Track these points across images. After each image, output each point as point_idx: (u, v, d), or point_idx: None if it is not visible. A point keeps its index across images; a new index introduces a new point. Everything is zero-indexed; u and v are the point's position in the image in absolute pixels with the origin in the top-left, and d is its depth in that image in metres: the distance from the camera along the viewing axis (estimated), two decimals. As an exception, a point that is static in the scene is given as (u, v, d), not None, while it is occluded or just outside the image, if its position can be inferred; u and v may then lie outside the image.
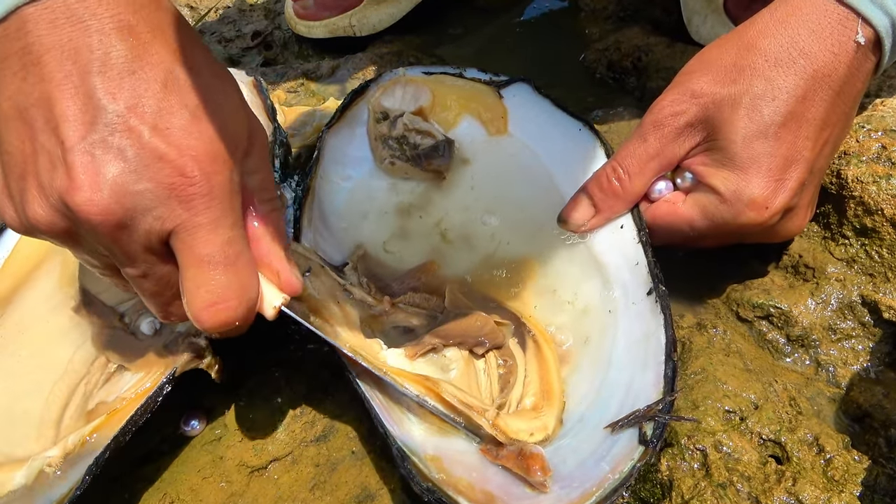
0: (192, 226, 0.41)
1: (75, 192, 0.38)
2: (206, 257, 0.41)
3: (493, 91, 0.70)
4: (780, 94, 0.51)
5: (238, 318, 0.43)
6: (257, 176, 0.46)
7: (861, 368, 0.54)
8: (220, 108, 0.42)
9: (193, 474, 0.54)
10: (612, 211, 0.57)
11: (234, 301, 0.42)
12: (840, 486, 0.45)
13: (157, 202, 0.40)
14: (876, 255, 0.57)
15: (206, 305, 0.42)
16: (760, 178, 0.51)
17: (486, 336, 0.55)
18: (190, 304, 0.42)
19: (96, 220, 0.39)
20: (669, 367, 0.48)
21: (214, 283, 0.41)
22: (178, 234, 0.41)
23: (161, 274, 0.43)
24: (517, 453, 0.46)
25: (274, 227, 0.47)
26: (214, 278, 0.41)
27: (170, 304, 0.45)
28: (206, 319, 0.42)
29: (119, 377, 0.55)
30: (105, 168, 0.39)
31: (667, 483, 0.47)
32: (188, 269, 0.42)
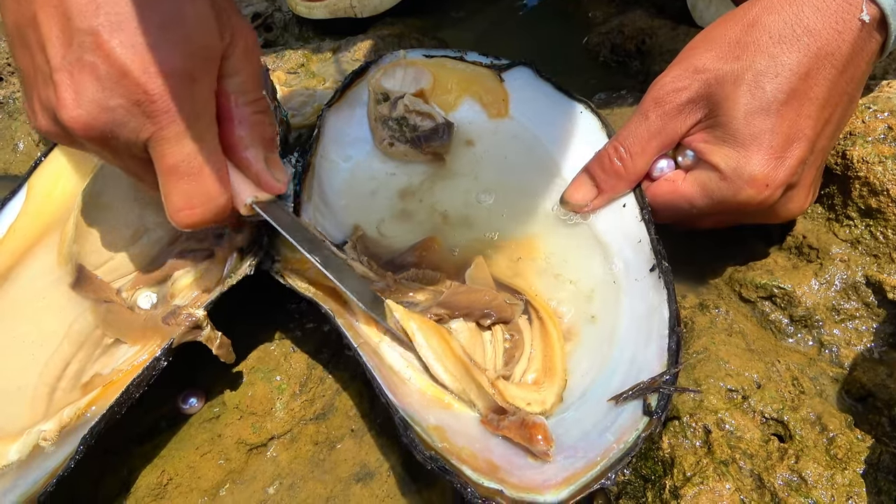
0: (159, 138, 0.45)
1: (61, 110, 0.43)
2: (172, 167, 0.46)
3: (494, 74, 0.69)
4: (782, 71, 0.50)
5: (206, 221, 0.48)
6: (238, 77, 0.49)
7: (864, 349, 0.54)
8: (186, 20, 0.44)
9: (192, 452, 0.54)
10: (614, 191, 0.57)
11: (200, 207, 0.47)
12: (843, 464, 0.45)
13: (128, 117, 0.43)
14: (881, 236, 0.57)
15: (176, 210, 0.47)
16: (761, 155, 0.50)
17: (494, 308, 0.54)
18: (166, 207, 0.47)
19: (81, 133, 0.43)
20: (673, 340, 0.48)
21: (180, 191, 0.46)
22: (150, 145, 0.45)
23: (152, 177, 0.47)
24: (519, 423, 0.46)
25: (255, 129, 0.50)
26: (180, 187, 0.46)
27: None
28: (179, 221, 0.47)
29: (115, 350, 0.55)
30: (83, 86, 0.42)
31: (668, 460, 0.46)
32: (161, 177, 0.46)
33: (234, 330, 0.57)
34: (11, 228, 0.61)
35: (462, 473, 0.43)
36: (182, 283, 0.56)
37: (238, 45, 0.48)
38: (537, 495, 0.43)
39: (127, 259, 0.59)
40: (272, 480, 0.52)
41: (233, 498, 0.52)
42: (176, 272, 0.57)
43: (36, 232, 0.61)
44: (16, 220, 0.61)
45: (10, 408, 0.52)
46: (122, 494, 0.52)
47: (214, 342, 0.52)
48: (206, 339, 0.51)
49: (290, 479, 0.52)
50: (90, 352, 0.56)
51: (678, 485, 0.44)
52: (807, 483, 0.44)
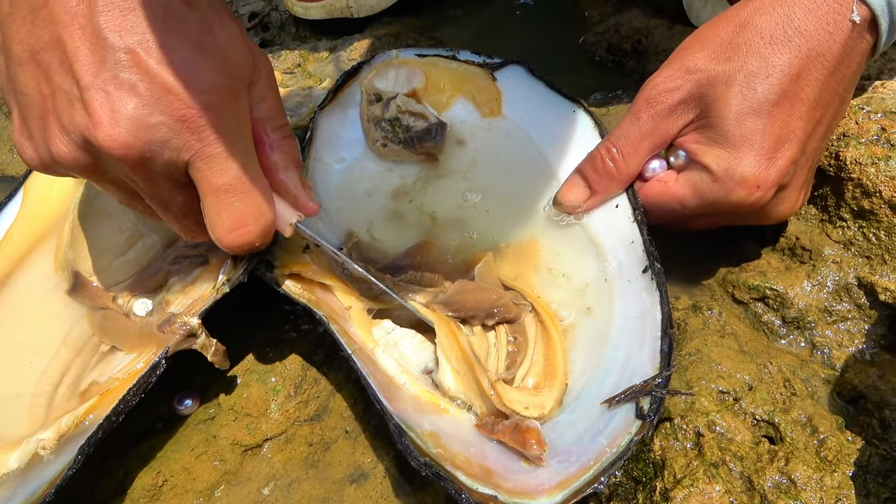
0: (205, 156, 0.43)
1: (96, 129, 0.41)
2: (222, 186, 0.44)
3: (486, 73, 0.69)
4: (773, 72, 0.50)
5: (257, 240, 0.47)
6: (265, 104, 0.49)
7: (856, 350, 0.54)
8: (219, 40, 0.44)
9: (187, 453, 0.54)
10: (607, 192, 0.57)
11: (252, 225, 0.46)
12: (833, 466, 0.45)
13: (171, 134, 0.42)
14: (873, 238, 0.57)
15: (227, 231, 0.46)
16: (752, 156, 0.50)
17: (501, 307, 0.55)
18: (213, 229, 0.46)
19: (118, 153, 0.41)
20: (665, 342, 0.48)
21: (233, 209, 0.45)
22: (194, 164, 0.44)
23: (183, 201, 0.47)
24: (513, 427, 0.46)
25: (287, 153, 0.50)
26: (233, 205, 0.45)
27: (194, 227, 0.49)
28: (230, 243, 0.46)
29: (112, 358, 0.55)
30: (121, 103, 0.41)
31: (659, 462, 0.47)
32: (207, 197, 0.45)
33: (230, 332, 0.57)
34: (8, 233, 0.61)
35: (456, 479, 0.44)
36: (177, 289, 0.56)
37: (262, 71, 0.48)
38: (531, 500, 0.43)
39: (122, 265, 0.59)
40: (267, 481, 0.53)
41: (227, 499, 0.52)
42: (171, 279, 0.57)
43: (33, 237, 0.61)
44: (12, 225, 0.61)
45: (9, 415, 0.52)
46: (117, 496, 0.53)
47: (209, 350, 0.52)
48: (202, 347, 0.52)
49: (285, 481, 0.53)
50: (87, 359, 0.56)
51: (668, 487, 0.44)
52: (796, 485, 0.44)
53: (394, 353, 0.52)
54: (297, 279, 0.54)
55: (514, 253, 0.60)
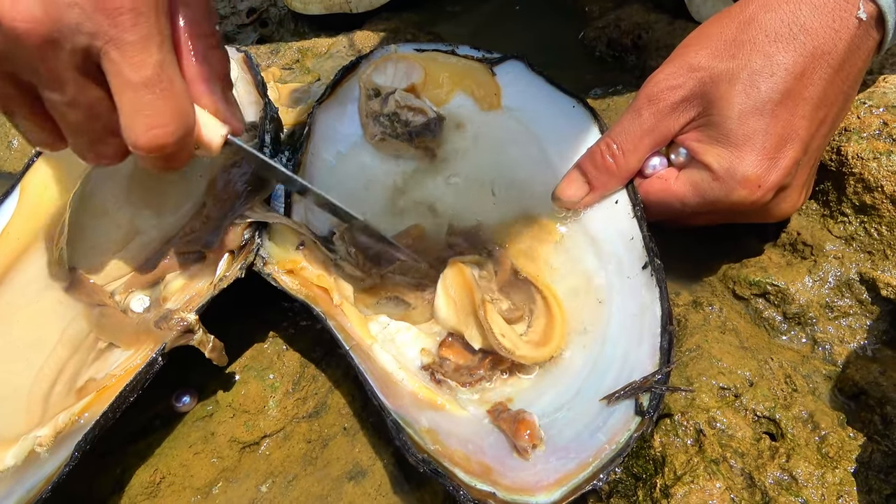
0: (121, 43, 0.39)
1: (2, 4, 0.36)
2: (139, 80, 0.40)
3: (485, 68, 0.69)
4: (778, 71, 0.50)
5: (176, 143, 0.42)
6: (189, 10, 0.45)
7: (858, 346, 0.54)
8: None
9: (185, 450, 0.54)
10: (606, 188, 0.57)
11: (172, 125, 0.42)
12: (834, 462, 0.45)
13: (83, 17, 0.38)
14: (875, 233, 0.57)
15: (143, 130, 0.41)
16: (754, 156, 0.50)
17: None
18: (128, 128, 0.41)
19: (23, 27, 0.37)
20: (665, 338, 0.48)
21: (152, 107, 0.41)
22: (107, 54, 0.39)
23: (91, 100, 0.41)
24: (513, 417, 0.46)
25: (211, 65, 0.46)
26: (152, 102, 0.41)
27: (100, 140, 0.44)
28: (145, 143, 0.41)
29: (109, 354, 0.55)
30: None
31: (659, 459, 0.46)
32: (124, 93, 0.40)
33: (227, 328, 0.57)
34: (5, 231, 0.60)
35: (454, 476, 0.43)
36: (174, 286, 0.56)
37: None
38: (529, 497, 0.43)
39: (119, 262, 0.59)
40: (265, 478, 0.53)
41: (225, 496, 0.52)
42: (168, 275, 0.57)
43: (29, 235, 0.61)
44: (9, 223, 0.61)
45: (6, 413, 0.52)
46: (115, 493, 0.53)
47: (207, 346, 0.52)
48: (199, 343, 0.52)
49: (283, 478, 0.52)
50: (84, 356, 0.56)
51: (669, 484, 0.44)
52: (797, 482, 0.44)
53: (391, 349, 0.51)
54: (295, 275, 0.54)
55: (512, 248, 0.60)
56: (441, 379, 0.51)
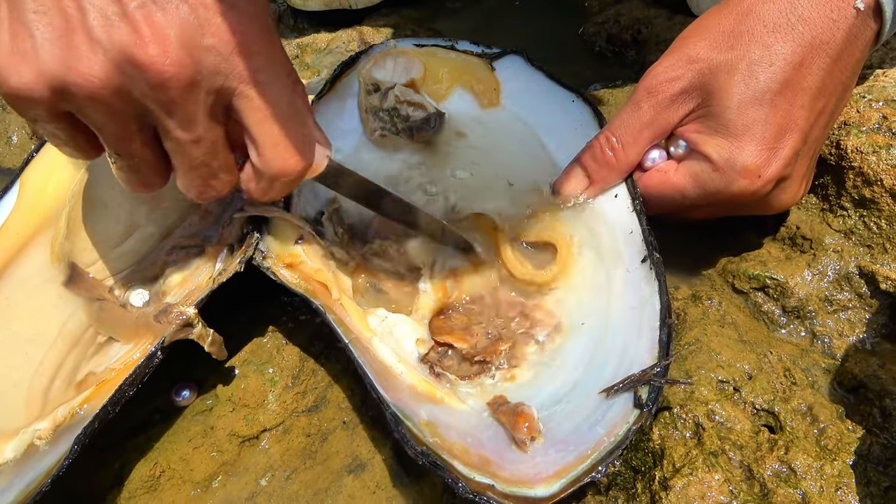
0: (257, 82, 0.41)
1: (144, 47, 0.38)
2: (280, 113, 0.43)
3: (485, 63, 0.69)
4: (776, 61, 0.50)
5: (308, 167, 0.46)
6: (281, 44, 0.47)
7: (857, 339, 0.54)
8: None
9: (184, 444, 0.54)
10: (605, 181, 0.57)
11: (307, 152, 0.45)
12: (833, 454, 0.45)
13: (221, 59, 0.40)
14: (874, 227, 0.57)
15: (286, 158, 0.44)
16: (754, 146, 0.50)
17: None
18: (271, 159, 0.44)
19: (169, 73, 0.39)
20: (664, 332, 0.48)
21: (292, 137, 0.44)
22: (244, 94, 0.42)
23: (214, 138, 0.43)
24: (512, 409, 0.46)
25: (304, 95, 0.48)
26: (291, 133, 0.44)
27: (213, 176, 0.45)
28: (288, 172, 0.44)
29: (108, 348, 0.55)
30: (170, 23, 0.38)
31: (658, 452, 0.46)
32: (264, 126, 0.43)
33: (228, 323, 0.57)
34: (4, 226, 0.60)
35: (453, 468, 0.43)
36: (173, 280, 0.56)
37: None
38: (528, 489, 0.43)
39: (119, 256, 0.59)
40: (264, 472, 0.53)
41: (225, 490, 0.52)
42: (167, 269, 0.57)
43: (29, 229, 0.61)
44: (9, 218, 0.61)
45: (6, 406, 0.52)
46: (115, 487, 0.53)
47: (206, 339, 0.52)
48: (198, 337, 0.52)
49: (283, 471, 0.53)
50: (84, 350, 0.56)
51: (667, 476, 0.44)
52: (796, 474, 0.44)
53: (390, 342, 0.51)
54: (294, 269, 0.54)
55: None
56: (440, 372, 0.51)
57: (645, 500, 0.45)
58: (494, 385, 0.51)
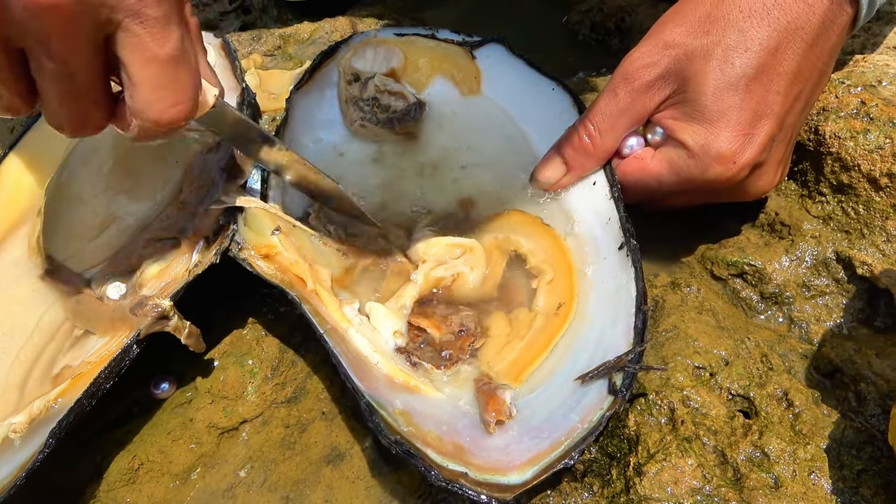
0: (146, 18, 0.38)
1: None
2: (166, 55, 0.39)
3: (465, 52, 0.69)
4: (752, 46, 0.50)
5: (192, 114, 0.42)
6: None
7: (834, 325, 0.54)
8: None
9: (163, 436, 0.54)
10: (583, 168, 0.56)
11: (192, 99, 0.42)
12: (807, 438, 0.45)
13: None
14: (852, 212, 0.57)
15: (168, 105, 0.40)
16: (728, 132, 0.50)
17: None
18: (148, 104, 0.40)
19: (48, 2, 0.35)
20: (639, 318, 0.48)
21: (176, 82, 0.40)
22: (130, 29, 0.38)
23: (90, 73, 0.39)
24: (488, 391, 0.46)
25: (196, 32, 0.46)
26: (175, 78, 0.40)
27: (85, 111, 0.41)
28: (167, 119, 0.41)
29: (85, 342, 0.55)
30: None
31: (633, 438, 0.46)
32: (146, 69, 0.39)
33: (207, 315, 0.57)
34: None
35: (426, 457, 0.43)
36: (149, 272, 0.55)
37: None
38: (501, 477, 0.43)
39: (95, 249, 0.58)
40: (243, 463, 0.53)
41: (204, 481, 0.52)
42: (144, 262, 0.56)
43: (6, 223, 0.60)
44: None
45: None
46: (94, 480, 0.53)
47: (182, 332, 0.52)
48: (174, 330, 0.51)
49: (262, 462, 0.53)
50: (61, 343, 0.55)
51: (642, 462, 0.44)
52: (769, 458, 0.44)
53: (367, 332, 0.51)
54: (270, 260, 0.54)
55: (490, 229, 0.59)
56: (417, 362, 0.51)
57: (620, 486, 0.45)
58: (471, 373, 0.51)
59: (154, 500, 0.51)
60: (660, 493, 0.42)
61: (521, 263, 0.57)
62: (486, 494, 0.42)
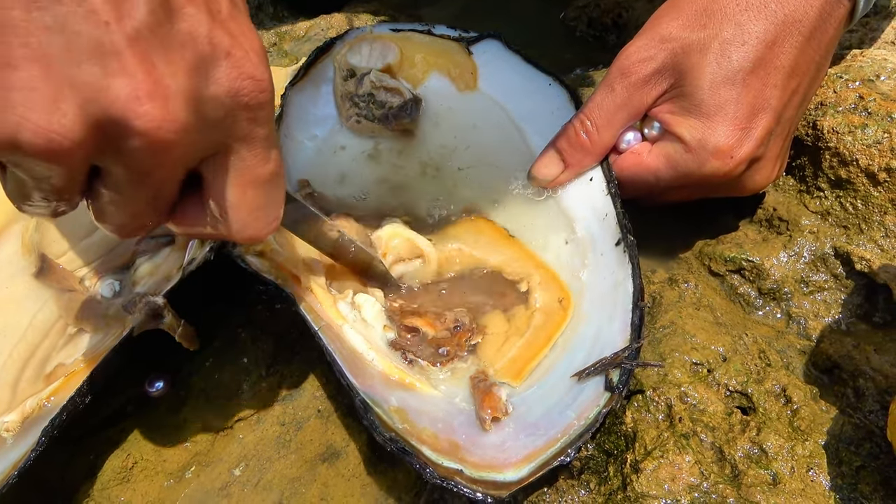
0: (255, 143, 0.34)
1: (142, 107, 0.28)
2: (267, 176, 0.35)
3: (462, 47, 0.68)
4: (749, 40, 0.49)
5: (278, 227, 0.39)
6: None
7: (832, 320, 0.54)
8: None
9: (157, 435, 0.54)
10: (580, 165, 0.56)
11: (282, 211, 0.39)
12: (805, 435, 0.45)
13: (223, 112, 0.31)
14: (850, 207, 0.56)
15: (265, 224, 0.37)
16: (726, 126, 0.49)
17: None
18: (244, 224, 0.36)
19: (168, 137, 0.29)
20: (636, 314, 0.47)
21: (274, 201, 0.37)
22: (236, 154, 0.34)
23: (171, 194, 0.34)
24: (484, 387, 0.46)
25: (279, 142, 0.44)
26: (273, 196, 0.37)
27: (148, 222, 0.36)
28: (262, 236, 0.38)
29: (79, 339, 0.54)
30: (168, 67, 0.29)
31: (631, 435, 0.46)
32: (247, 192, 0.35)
33: (202, 313, 0.56)
34: (-25, 218, 0.60)
35: (421, 454, 0.43)
36: (143, 270, 0.55)
37: None
38: (497, 474, 0.43)
39: (89, 246, 0.58)
40: (238, 462, 0.52)
41: (198, 480, 0.52)
42: (138, 259, 0.56)
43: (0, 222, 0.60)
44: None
45: (-28, 398, 0.51)
46: (88, 479, 0.52)
47: (176, 329, 0.51)
48: (168, 327, 0.51)
49: (256, 461, 0.52)
50: (54, 341, 0.55)
51: (639, 459, 0.44)
52: (767, 455, 0.43)
53: (361, 329, 0.51)
54: (265, 257, 0.53)
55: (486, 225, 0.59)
56: (413, 359, 0.51)
57: (616, 483, 0.44)
58: (468, 370, 0.50)
59: (148, 498, 0.51)
60: (657, 489, 0.42)
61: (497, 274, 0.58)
62: (481, 492, 0.42)
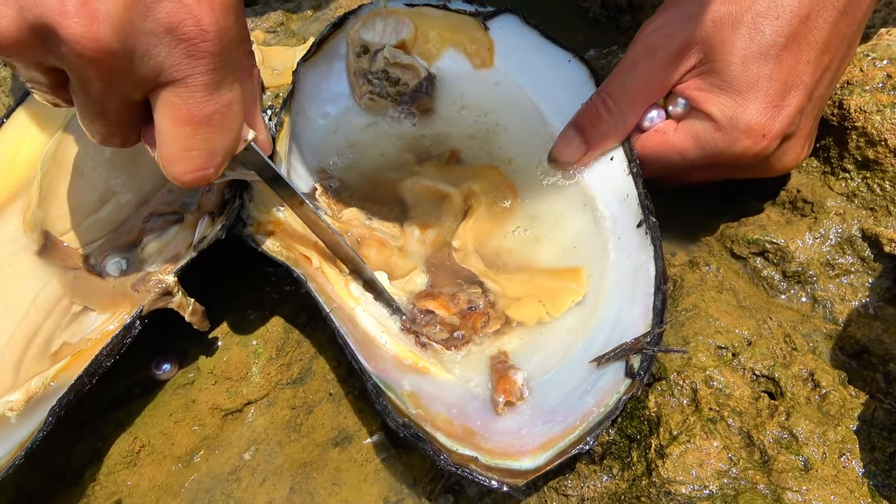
0: (193, 84, 0.36)
1: (67, 20, 0.32)
2: (201, 117, 0.37)
3: (478, 22, 0.66)
4: (783, 13, 0.47)
5: (211, 181, 0.40)
6: (240, 22, 0.42)
7: (860, 304, 0.52)
8: None
9: (165, 418, 0.52)
10: (603, 146, 0.54)
11: (218, 163, 0.40)
12: (836, 420, 0.44)
13: (160, 48, 0.34)
14: (878, 188, 0.55)
15: (191, 169, 0.38)
16: (758, 104, 0.47)
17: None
18: (172, 163, 0.38)
19: (91, 56, 0.33)
20: (658, 298, 0.46)
21: (204, 146, 0.38)
22: (174, 89, 0.36)
23: (129, 114, 0.38)
24: (501, 369, 0.45)
25: (253, 83, 0.45)
26: (203, 142, 0.38)
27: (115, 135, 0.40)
28: (188, 181, 0.39)
29: (84, 318, 0.53)
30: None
31: (654, 419, 0.45)
32: (177, 127, 0.37)
33: (210, 294, 0.55)
34: (-27, 198, 0.58)
35: (435, 440, 0.42)
36: (151, 248, 0.53)
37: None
38: (513, 462, 0.41)
39: (94, 224, 0.56)
40: (248, 446, 0.51)
41: (207, 464, 0.50)
42: (145, 237, 0.55)
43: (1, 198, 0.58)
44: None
45: (-25, 377, 0.50)
46: (94, 462, 0.51)
47: (186, 309, 0.50)
48: (178, 307, 0.49)
49: (267, 445, 0.51)
50: (58, 320, 0.53)
51: (664, 444, 0.43)
52: (798, 440, 0.42)
53: (374, 311, 0.49)
54: (275, 237, 0.52)
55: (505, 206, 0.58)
56: (426, 342, 0.49)
57: (641, 468, 0.43)
58: (482, 353, 0.49)
59: (156, 483, 0.50)
60: (684, 475, 0.41)
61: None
62: (497, 480, 0.40)
